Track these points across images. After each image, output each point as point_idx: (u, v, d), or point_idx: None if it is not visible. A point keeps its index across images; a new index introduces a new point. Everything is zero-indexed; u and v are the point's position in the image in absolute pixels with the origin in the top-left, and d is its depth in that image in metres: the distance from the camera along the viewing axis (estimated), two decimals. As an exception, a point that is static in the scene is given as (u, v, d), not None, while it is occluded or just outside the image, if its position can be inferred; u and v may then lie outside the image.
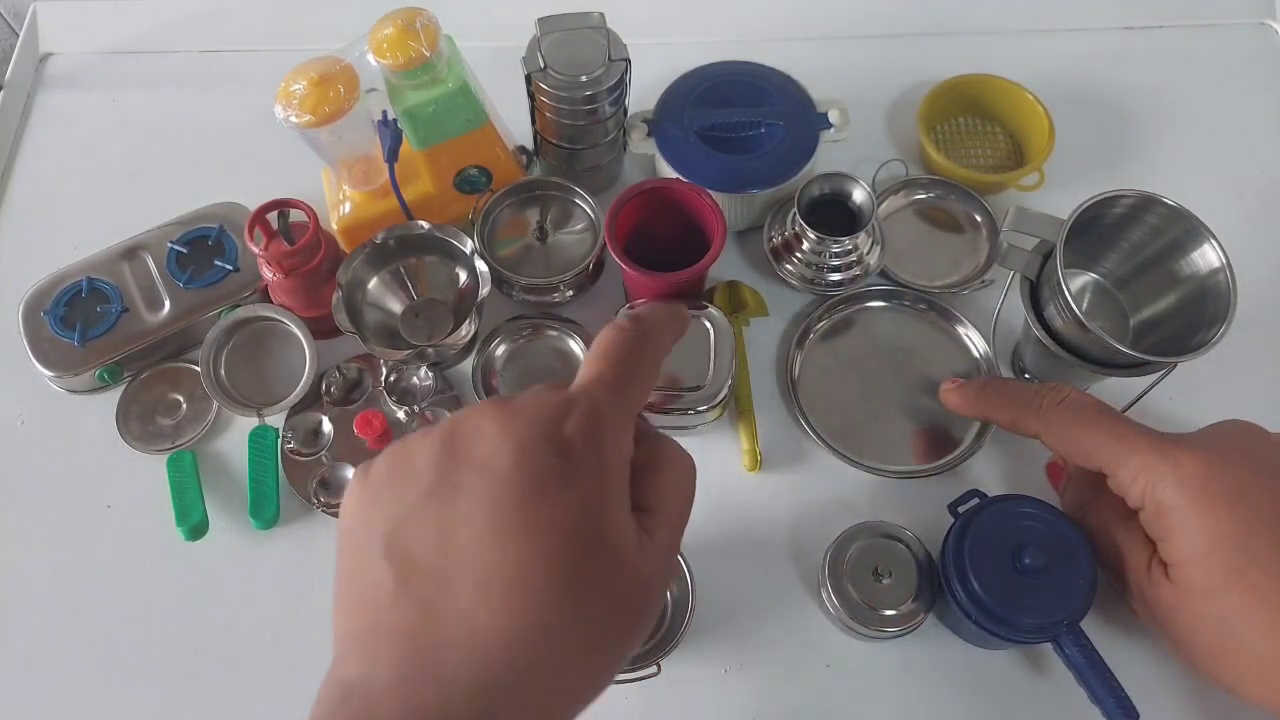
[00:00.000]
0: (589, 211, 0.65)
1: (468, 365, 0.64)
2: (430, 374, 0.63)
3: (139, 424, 0.63)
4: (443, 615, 0.35)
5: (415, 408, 0.62)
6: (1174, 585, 0.47)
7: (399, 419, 0.62)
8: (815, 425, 0.61)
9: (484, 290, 0.60)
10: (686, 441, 0.43)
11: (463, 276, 0.63)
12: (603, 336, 0.42)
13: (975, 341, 0.64)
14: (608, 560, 0.37)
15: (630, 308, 0.59)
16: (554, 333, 0.65)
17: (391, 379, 0.63)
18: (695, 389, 0.57)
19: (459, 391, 0.63)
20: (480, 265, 0.61)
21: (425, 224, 0.62)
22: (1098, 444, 0.49)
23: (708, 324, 0.58)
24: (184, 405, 0.64)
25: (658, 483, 0.40)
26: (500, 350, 0.64)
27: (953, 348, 0.64)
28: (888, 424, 0.62)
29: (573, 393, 0.39)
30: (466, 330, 0.60)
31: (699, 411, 0.57)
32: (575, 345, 0.64)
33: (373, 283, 0.62)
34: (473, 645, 0.35)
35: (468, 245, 0.61)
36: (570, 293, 0.65)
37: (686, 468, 0.42)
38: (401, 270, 0.63)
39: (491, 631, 0.35)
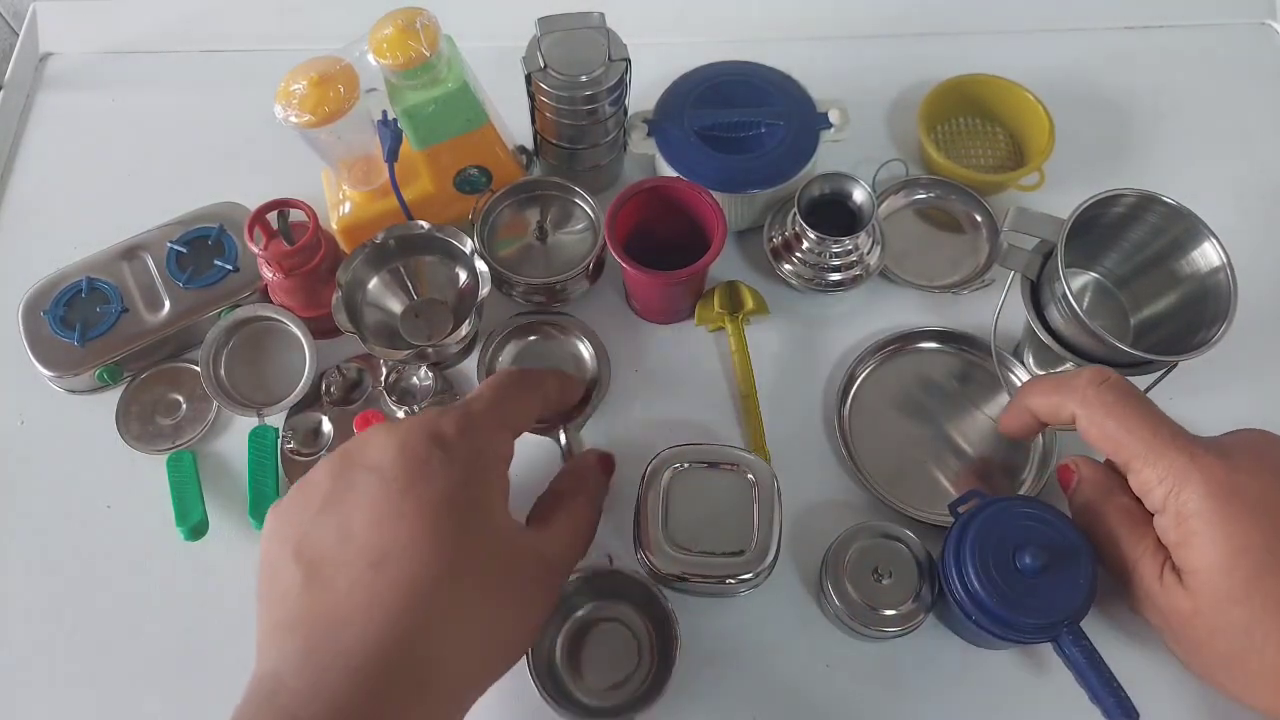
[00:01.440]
0: (589, 211, 0.65)
1: (468, 365, 0.64)
2: (430, 374, 0.63)
3: (139, 424, 0.63)
4: (343, 596, 0.40)
5: (415, 408, 0.62)
6: (1189, 593, 0.46)
7: (399, 419, 0.62)
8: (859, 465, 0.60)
9: (484, 290, 0.60)
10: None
11: (463, 276, 0.63)
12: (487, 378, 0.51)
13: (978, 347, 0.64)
14: (487, 523, 0.43)
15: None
16: (554, 333, 0.65)
17: (391, 379, 0.63)
18: (736, 554, 0.51)
19: (459, 391, 0.63)
20: (480, 265, 0.61)
21: (425, 224, 0.61)
22: (1131, 435, 0.48)
23: (750, 476, 0.53)
24: (184, 405, 0.64)
25: (551, 524, 0.49)
26: (500, 350, 0.64)
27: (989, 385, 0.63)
28: (921, 465, 0.61)
29: (450, 405, 0.46)
30: (466, 330, 0.60)
31: (742, 580, 0.51)
32: (575, 345, 0.64)
33: (373, 283, 0.62)
34: (371, 615, 0.39)
35: (468, 245, 0.61)
36: (570, 293, 0.65)
37: (583, 528, 0.51)
38: (401, 270, 0.63)
39: (388, 598, 0.39)
